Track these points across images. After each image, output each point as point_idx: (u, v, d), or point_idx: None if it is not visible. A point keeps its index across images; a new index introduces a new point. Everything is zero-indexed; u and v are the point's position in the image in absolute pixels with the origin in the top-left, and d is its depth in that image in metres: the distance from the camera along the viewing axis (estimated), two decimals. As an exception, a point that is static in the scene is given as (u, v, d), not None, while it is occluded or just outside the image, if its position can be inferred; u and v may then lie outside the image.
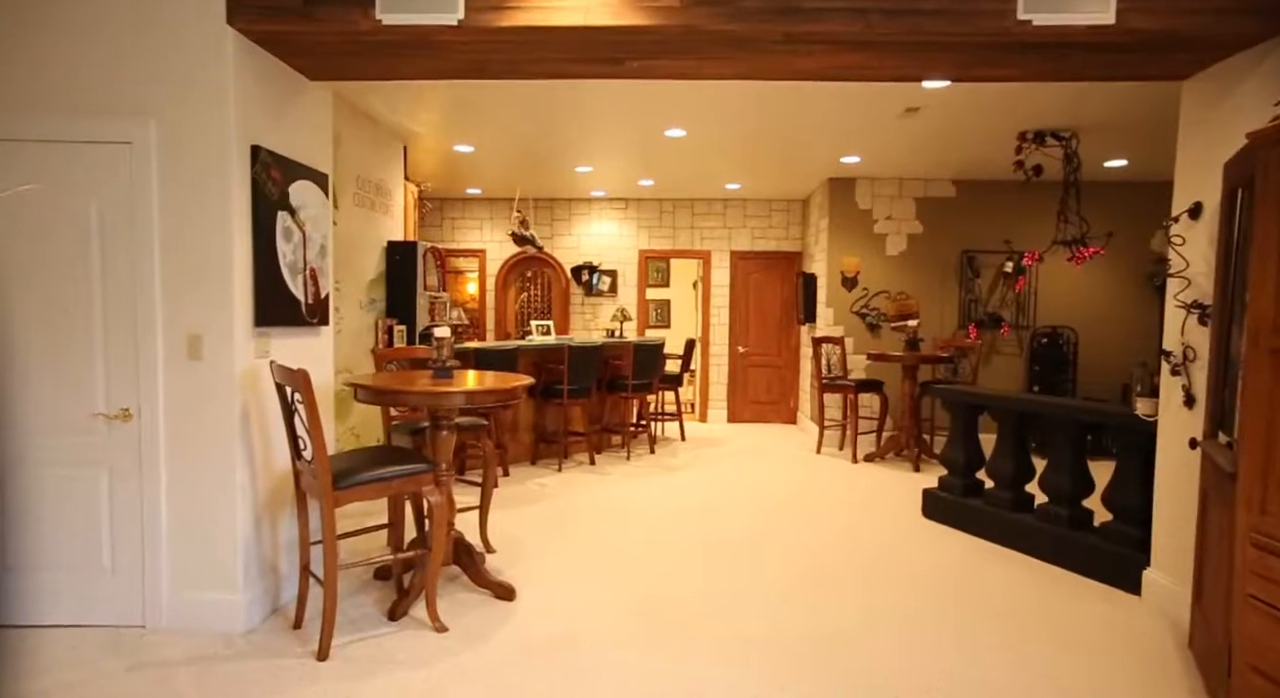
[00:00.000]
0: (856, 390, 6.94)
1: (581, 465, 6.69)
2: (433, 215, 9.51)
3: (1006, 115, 5.18)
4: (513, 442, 6.66)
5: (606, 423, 7.35)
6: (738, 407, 9.38)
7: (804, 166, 7.13)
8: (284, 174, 3.29)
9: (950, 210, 7.59)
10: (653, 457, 7.16)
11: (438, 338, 3.55)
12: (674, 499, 5.51)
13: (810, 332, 8.49)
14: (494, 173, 7.73)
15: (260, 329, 3.18)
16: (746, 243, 9.26)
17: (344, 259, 5.04)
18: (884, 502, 5.52)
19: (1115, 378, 7.42)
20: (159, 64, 2.93)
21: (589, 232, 9.40)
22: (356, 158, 5.18)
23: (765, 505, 5.34)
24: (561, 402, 6.42)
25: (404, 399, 3.25)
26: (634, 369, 6.92)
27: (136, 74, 2.93)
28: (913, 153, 6.46)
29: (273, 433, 3.30)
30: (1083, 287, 7.54)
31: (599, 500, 5.46)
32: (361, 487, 2.94)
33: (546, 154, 6.74)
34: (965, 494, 4.87)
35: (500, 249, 9.46)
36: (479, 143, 6.30)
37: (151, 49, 2.92)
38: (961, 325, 7.62)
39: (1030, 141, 5.47)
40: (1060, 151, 5.45)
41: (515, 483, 5.97)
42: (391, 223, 5.80)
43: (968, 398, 4.91)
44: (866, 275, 7.67)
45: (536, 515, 5.00)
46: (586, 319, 9.47)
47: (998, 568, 4.07)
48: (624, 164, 7.19)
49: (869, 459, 7.00)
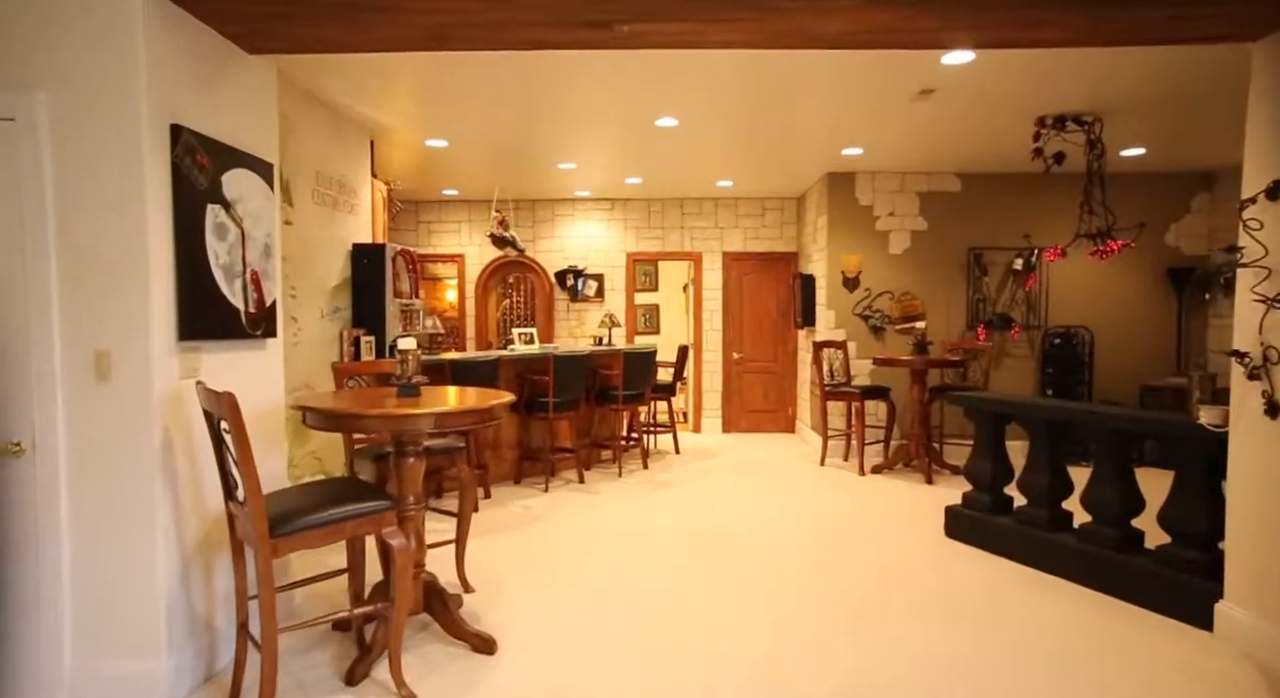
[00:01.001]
0: (863, 398, 6.50)
1: (570, 484, 6.19)
2: (407, 219, 9.00)
3: (1026, 98, 4.77)
4: (495, 460, 6.16)
5: (596, 437, 6.86)
6: (733, 416, 8.92)
7: (802, 159, 6.70)
8: (215, 161, 2.79)
9: (956, 205, 7.19)
10: (646, 472, 6.68)
11: (402, 351, 3.06)
12: (672, 520, 5.03)
13: (809, 336, 8.05)
14: (471, 171, 7.24)
15: (187, 343, 2.68)
16: (739, 244, 8.82)
17: (302, 263, 4.53)
18: (901, 519, 5.07)
19: (1132, 380, 7.03)
20: (47, 25, 2.42)
21: (573, 234, 8.93)
22: (315, 151, 4.68)
23: (773, 526, 4.88)
24: (547, 416, 5.93)
25: (361, 425, 2.75)
26: (625, 379, 6.44)
27: (18, 36, 2.42)
28: (918, 144, 6.05)
29: (205, 466, 2.78)
30: (1096, 285, 7.16)
31: (590, 524, 4.97)
32: (307, 532, 2.44)
33: (526, 149, 6.27)
34: (994, 512, 4.42)
35: (480, 254, 8.96)
36: (453, 136, 5.81)
37: (36, 6, 2.42)
38: (970, 327, 7.21)
39: (1050, 127, 5.06)
40: (1082, 137, 5.05)
41: (497, 505, 5.46)
42: (357, 223, 5.29)
43: (996, 406, 4.47)
44: (868, 275, 7.25)
45: (521, 544, 4.50)
46: (572, 326, 8.99)
47: (1042, 597, 3.62)
48: (610, 160, 6.73)
49: (877, 471, 6.56)
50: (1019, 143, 5.92)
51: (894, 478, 6.38)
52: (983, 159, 6.64)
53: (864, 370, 7.23)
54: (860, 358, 7.22)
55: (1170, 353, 7.11)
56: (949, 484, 6.13)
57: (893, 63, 4.13)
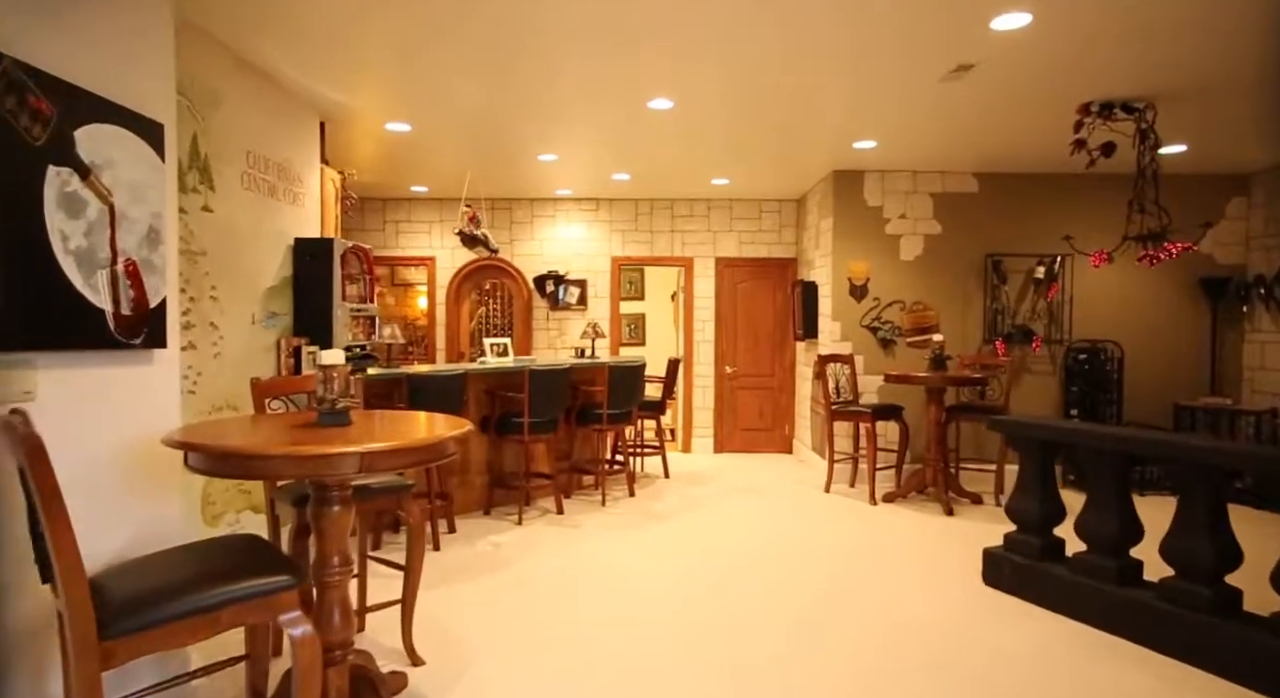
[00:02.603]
0: (874, 418, 5.84)
1: (547, 514, 5.47)
2: (373, 218, 8.26)
3: (1070, 78, 4.17)
4: (461, 488, 5.42)
5: (576, 461, 6.14)
6: (726, 434, 8.24)
7: (808, 152, 6.06)
8: (64, 108, 2.07)
9: (972, 207, 6.59)
10: (633, 501, 5.96)
11: (324, 366, 2.34)
12: (665, 561, 4.32)
13: (809, 349, 7.41)
14: (440, 164, 6.53)
15: (3, 355, 1.94)
16: (734, 248, 8.17)
17: (227, 258, 3.80)
18: (927, 560, 4.40)
19: (1164, 399, 6.45)
20: None
21: (554, 236, 8.23)
22: (248, 127, 3.96)
23: (782, 569, 4.19)
24: (521, 438, 5.21)
25: (261, 468, 2.03)
26: (610, 396, 5.74)
27: None
28: (937, 138, 5.44)
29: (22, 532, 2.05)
30: (1124, 295, 6.59)
31: (569, 566, 4.25)
32: (162, 629, 1.71)
33: (502, 136, 5.57)
34: (1044, 558, 3.77)
35: (452, 257, 8.23)
36: (417, 119, 5.11)
37: None
38: (987, 340, 6.60)
39: (1094, 115, 4.47)
40: (1131, 127, 4.46)
41: (462, 542, 4.72)
42: (302, 216, 4.56)
43: (1046, 433, 3.83)
44: (877, 283, 6.62)
45: (487, 593, 3.77)
46: (552, 336, 8.27)
47: (1112, 668, 2.96)
48: (596, 150, 6.06)
49: (889, 499, 5.90)
50: (1044, 138, 5.34)
51: (909, 508, 5.72)
52: (1002, 158, 6.06)
53: (872, 387, 6.58)
54: (868, 373, 6.58)
55: (1203, 370, 6.54)
56: (971, 515, 5.49)
57: (932, 30, 3.50)
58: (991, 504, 5.81)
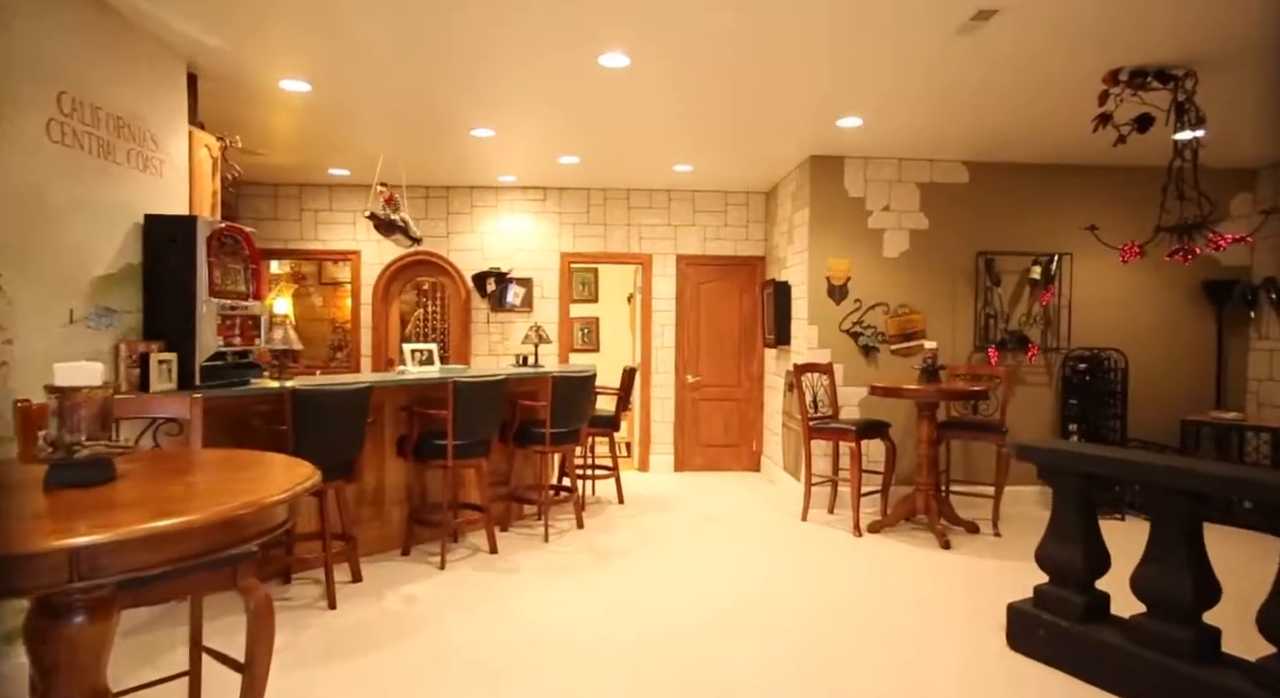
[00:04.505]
0: (858, 436, 5.09)
1: (478, 554, 4.57)
2: (288, 207, 7.24)
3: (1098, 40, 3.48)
4: (374, 522, 4.49)
5: (515, 488, 5.24)
6: (687, 451, 7.42)
7: (783, 132, 5.30)
8: None
9: (962, 200, 5.92)
10: (581, 534, 5.10)
11: (57, 389, 1.44)
12: (618, 621, 3.47)
13: (781, 357, 6.65)
14: (357, 137, 5.58)
15: None
16: (697, 245, 7.38)
17: (27, 234, 2.83)
18: (935, 612, 3.64)
19: (1169, 414, 5.85)
20: None
21: (496, 229, 7.33)
22: (59, 59, 2.99)
23: (761, 627, 3.37)
24: (445, 463, 4.30)
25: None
26: (554, 412, 4.87)
27: None
28: (932, 111, 4.70)
29: None
30: (1126, 298, 5.98)
31: (500, 629, 3.37)
32: None
33: (424, 101, 4.67)
34: (1088, 618, 3.03)
35: (379, 251, 7.25)
36: (318, 76, 4.18)
37: None
38: (978, 348, 5.93)
39: (1123, 84, 3.80)
40: (1165, 99, 3.79)
41: (368, 596, 3.80)
42: (158, 188, 3.59)
43: (1093, 465, 3.09)
44: (858, 283, 5.89)
45: (386, 673, 2.86)
46: (494, 342, 7.36)
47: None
48: (540, 125, 5.19)
49: (875, 530, 5.15)
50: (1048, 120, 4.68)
51: (899, 540, 4.98)
52: (996, 145, 5.40)
53: (852, 400, 5.84)
54: (848, 385, 5.84)
55: (1208, 380, 5.98)
56: (970, 548, 4.77)
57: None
58: (988, 533, 5.11)
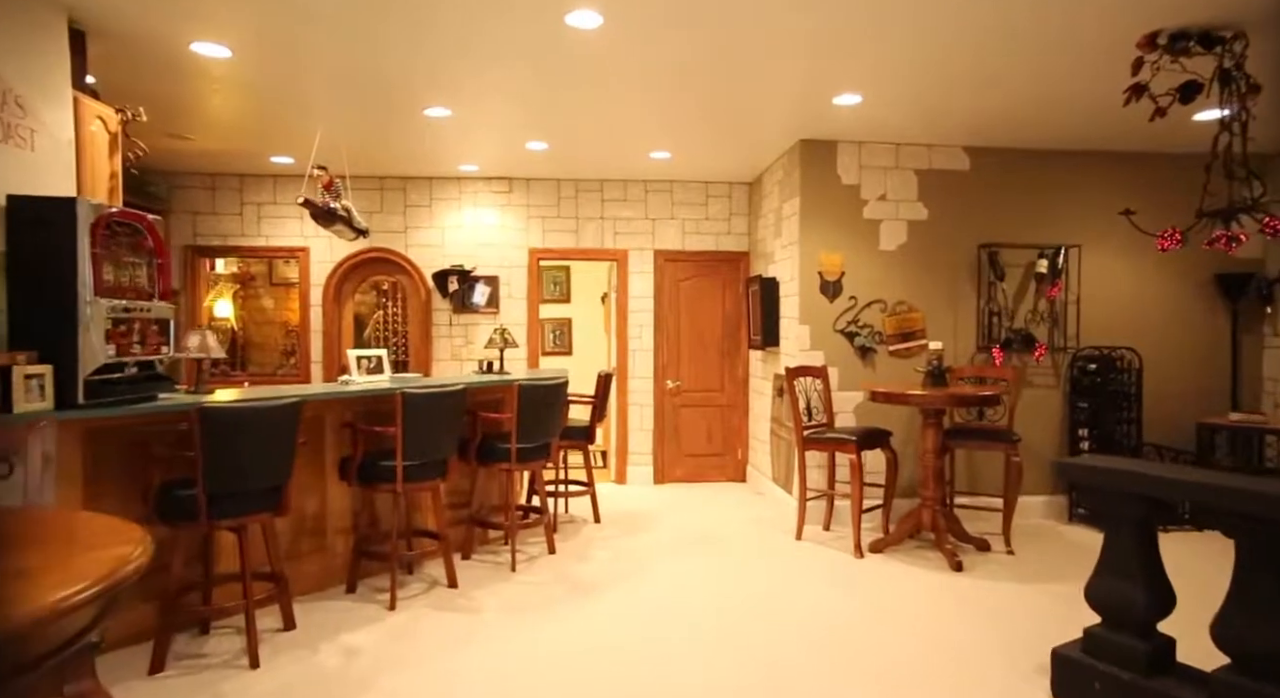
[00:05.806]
0: (859, 447, 4.62)
1: (435, 589, 4.00)
2: (229, 199, 6.60)
3: None
4: (313, 557, 3.90)
5: (478, 510, 4.67)
6: (668, 462, 6.90)
7: (771, 112, 4.80)
8: None
9: (964, 188, 5.48)
10: (552, 560, 4.55)
11: None
12: (600, 665, 2.93)
13: (768, 359, 6.17)
14: (295, 118, 4.97)
15: None
16: (676, 240, 6.86)
17: None
18: (958, 652, 3.16)
19: (1184, 417, 5.46)
20: None
21: (459, 223, 6.75)
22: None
23: (762, 680, 2.86)
24: (393, 487, 3.73)
25: None
26: (521, 424, 4.32)
27: None
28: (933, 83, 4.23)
29: None
30: (1136, 294, 5.59)
31: (458, 689, 2.82)
32: None
33: (370, 74, 4.09)
34: (1153, 670, 2.57)
35: (330, 247, 6.63)
36: (236, 39, 3.59)
37: None
38: (981, 348, 5.49)
39: (1161, 49, 3.36)
40: (1214, 64, 3.36)
41: (300, 648, 3.22)
42: (27, 163, 2.98)
43: (1157, 488, 2.62)
44: (853, 278, 5.42)
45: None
46: (456, 346, 6.78)
47: None
48: (502, 105, 4.63)
49: (878, 549, 4.68)
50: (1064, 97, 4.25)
51: (904, 561, 4.51)
52: (994, 130, 4.98)
53: (848, 406, 5.37)
54: (843, 389, 5.36)
55: (1222, 380, 5.61)
56: (983, 570, 4.32)
57: None
58: (1000, 550, 4.67)
